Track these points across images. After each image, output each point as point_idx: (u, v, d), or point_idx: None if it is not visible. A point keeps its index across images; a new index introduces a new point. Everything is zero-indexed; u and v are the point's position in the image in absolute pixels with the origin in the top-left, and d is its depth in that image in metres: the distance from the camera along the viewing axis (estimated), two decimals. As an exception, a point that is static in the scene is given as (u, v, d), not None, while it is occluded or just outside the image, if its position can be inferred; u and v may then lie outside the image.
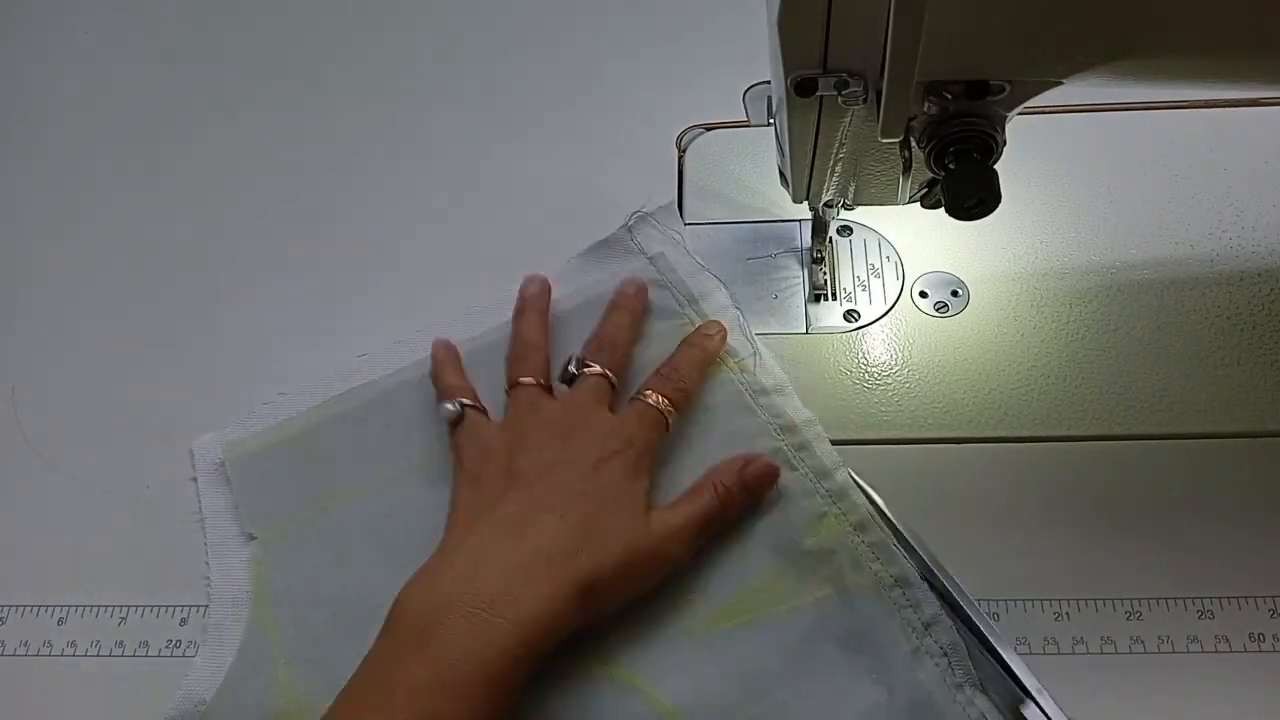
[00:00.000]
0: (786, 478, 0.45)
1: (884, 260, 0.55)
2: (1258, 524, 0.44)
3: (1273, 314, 0.50)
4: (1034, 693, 0.39)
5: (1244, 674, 0.41)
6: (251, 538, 0.48)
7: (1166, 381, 0.49)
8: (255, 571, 0.47)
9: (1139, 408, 0.48)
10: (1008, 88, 0.36)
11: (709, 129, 0.61)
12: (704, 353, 0.49)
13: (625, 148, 0.60)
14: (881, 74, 0.34)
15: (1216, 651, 0.41)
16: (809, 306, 0.53)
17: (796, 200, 0.47)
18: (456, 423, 0.47)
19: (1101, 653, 0.42)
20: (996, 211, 0.37)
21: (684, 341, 0.49)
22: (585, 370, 0.47)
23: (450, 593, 0.39)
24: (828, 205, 0.48)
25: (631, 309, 0.50)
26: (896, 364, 0.51)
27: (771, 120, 0.45)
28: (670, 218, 0.55)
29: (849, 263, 0.55)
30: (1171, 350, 0.50)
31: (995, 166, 0.37)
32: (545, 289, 0.52)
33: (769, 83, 0.41)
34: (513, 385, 0.48)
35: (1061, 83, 0.36)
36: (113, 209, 0.62)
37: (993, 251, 0.54)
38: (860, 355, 0.51)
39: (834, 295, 0.54)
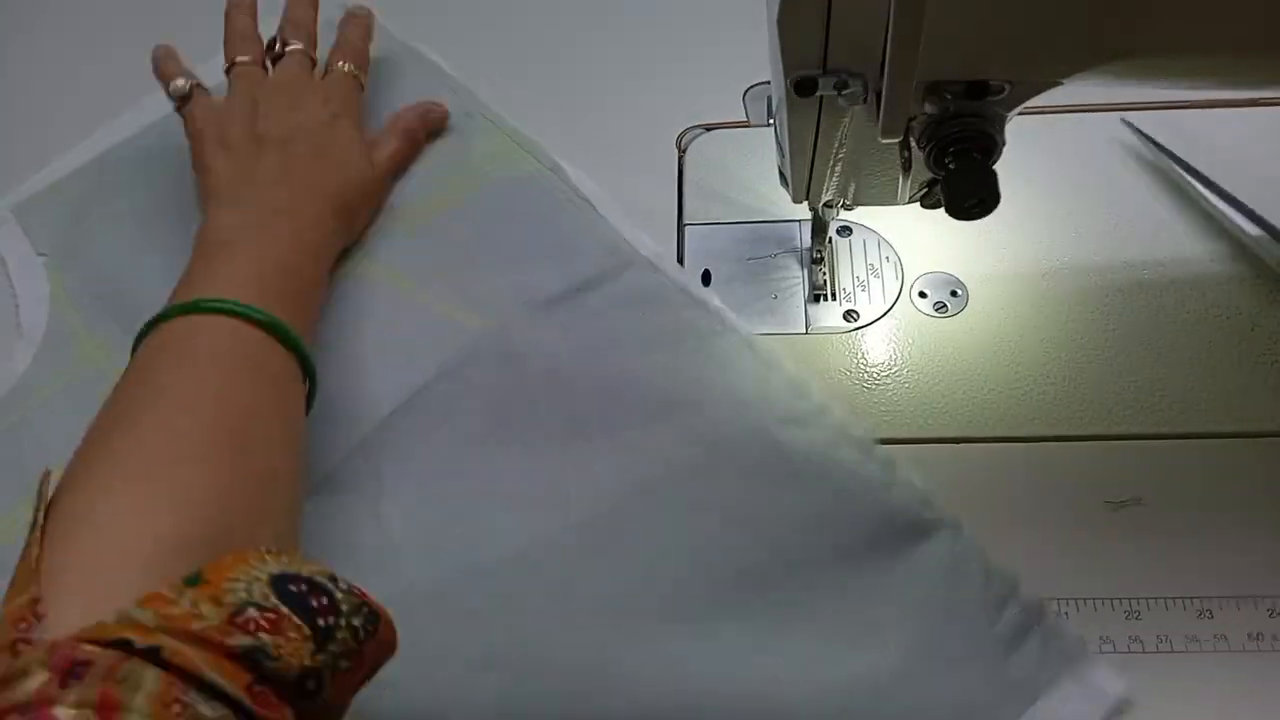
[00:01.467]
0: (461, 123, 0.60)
1: (883, 260, 0.55)
2: (1257, 524, 0.44)
3: (1273, 314, 0.50)
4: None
5: (1243, 673, 0.41)
6: (42, 255, 0.59)
7: (1166, 381, 0.49)
8: (50, 274, 0.58)
9: (1139, 408, 0.48)
10: (1008, 88, 0.36)
11: (709, 129, 0.61)
12: (362, 20, 0.60)
13: (625, 148, 0.60)
14: (881, 74, 0.34)
15: (1215, 651, 0.41)
16: (808, 306, 0.54)
17: (796, 200, 0.47)
18: (186, 99, 0.55)
19: (1100, 652, 0.42)
20: (996, 211, 0.37)
21: (345, 19, 0.60)
22: (288, 49, 0.56)
23: (248, 205, 0.48)
24: (827, 205, 0.48)
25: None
26: (896, 364, 0.51)
27: (771, 120, 0.45)
28: None
29: (849, 263, 0.55)
30: (1171, 350, 0.50)
31: (995, 166, 0.37)
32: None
33: (769, 83, 0.41)
34: (231, 66, 0.56)
35: (1061, 83, 0.36)
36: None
37: (993, 251, 0.54)
38: (860, 355, 0.51)
39: (833, 295, 0.54)
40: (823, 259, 0.54)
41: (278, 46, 0.57)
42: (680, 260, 0.56)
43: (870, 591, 0.43)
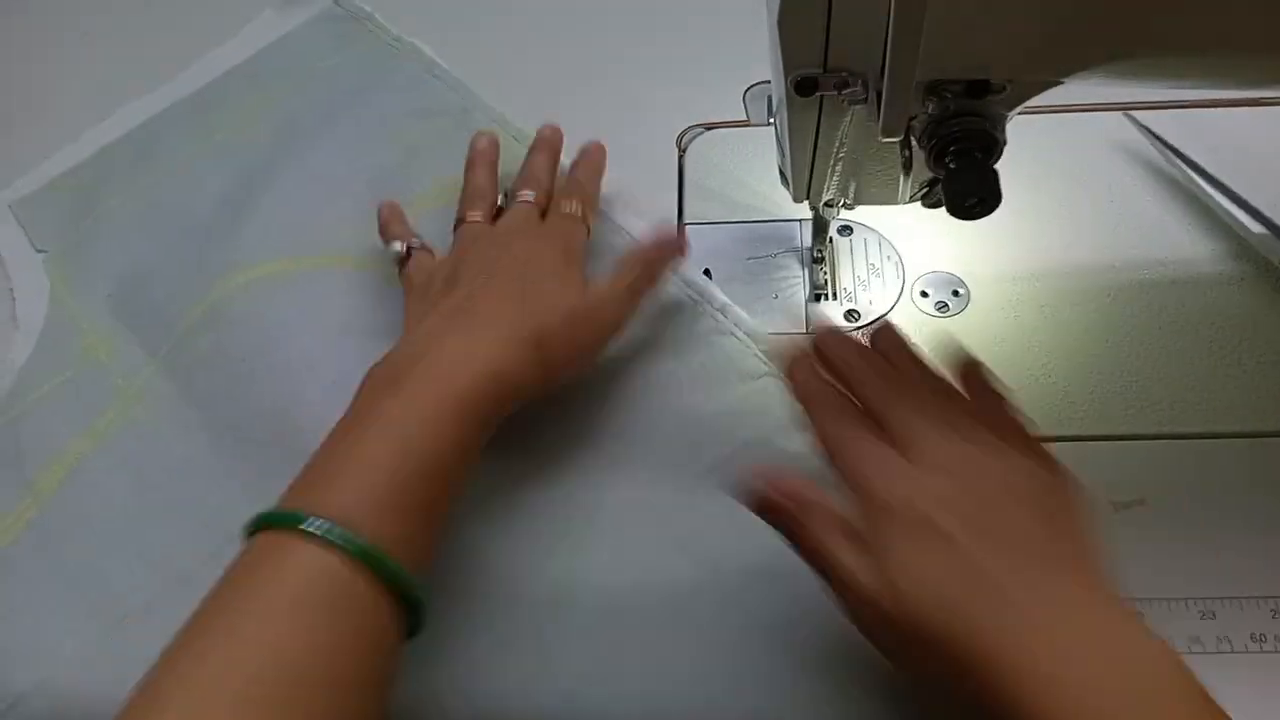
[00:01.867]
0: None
1: (884, 260, 0.54)
2: (1259, 524, 0.44)
3: (1273, 314, 0.50)
4: None
5: (1246, 674, 0.41)
6: (42, 251, 0.60)
7: (1166, 381, 0.49)
8: (50, 270, 0.59)
9: (1139, 408, 0.48)
10: (1008, 87, 0.36)
11: (709, 129, 0.61)
12: (594, 160, 0.55)
13: (625, 147, 0.60)
14: (881, 73, 0.34)
15: (1218, 652, 0.41)
16: (809, 306, 0.53)
17: (797, 200, 0.47)
18: (404, 262, 0.51)
19: (1102, 653, 0.42)
20: (997, 211, 0.37)
21: (579, 158, 0.55)
22: (518, 198, 0.52)
23: (414, 354, 0.43)
24: (828, 205, 0.48)
25: (551, 148, 0.55)
26: (897, 364, 0.51)
27: (771, 120, 0.45)
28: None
29: (849, 262, 0.55)
30: (1171, 350, 0.50)
31: (996, 166, 0.37)
32: (494, 143, 0.56)
33: (769, 82, 0.41)
34: (460, 223, 0.52)
35: (1061, 82, 0.36)
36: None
37: (993, 251, 0.54)
38: (860, 355, 0.51)
39: (834, 295, 0.54)
40: (823, 258, 0.54)
41: (502, 201, 0.53)
42: (680, 260, 0.56)
43: None
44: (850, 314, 0.53)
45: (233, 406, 0.51)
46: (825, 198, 0.47)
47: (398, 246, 0.52)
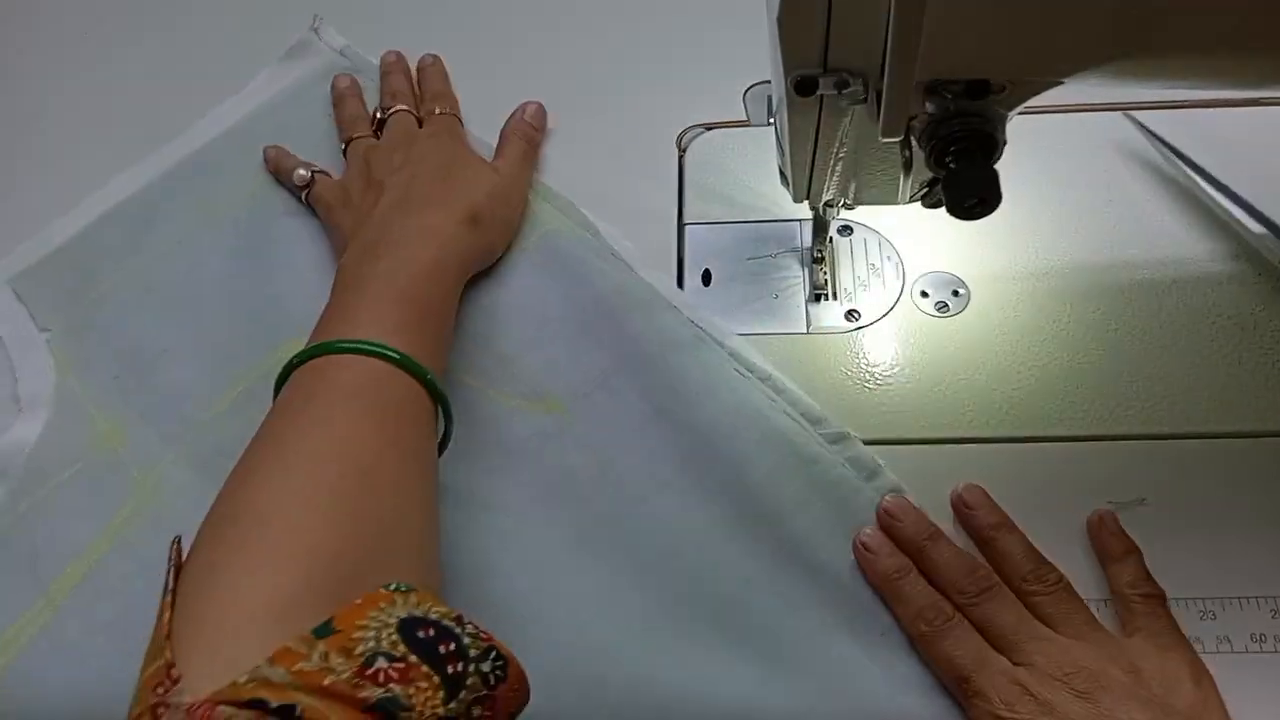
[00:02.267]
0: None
1: (884, 260, 0.54)
2: (1258, 524, 0.44)
3: (1273, 314, 0.50)
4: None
5: (1246, 675, 0.41)
6: (45, 330, 0.57)
7: (1166, 381, 0.49)
8: (54, 350, 0.56)
9: (1139, 408, 0.48)
10: (1008, 87, 0.36)
11: (709, 129, 0.61)
12: (437, 67, 0.63)
13: (625, 147, 0.60)
14: (882, 74, 0.34)
15: (1218, 652, 0.41)
16: (809, 306, 0.53)
17: (797, 200, 0.47)
18: (309, 184, 0.57)
19: (1102, 653, 0.42)
20: (997, 211, 0.37)
21: (420, 72, 0.63)
22: (390, 113, 0.59)
23: (380, 237, 0.49)
24: (828, 205, 0.48)
25: (402, 68, 0.63)
26: (897, 364, 0.51)
27: (771, 120, 0.45)
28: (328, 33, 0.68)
29: (849, 262, 0.55)
30: (1171, 350, 0.50)
31: (995, 166, 0.37)
32: (355, 82, 0.63)
33: (769, 82, 0.41)
34: (348, 143, 0.59)
35: (1061, 82, 0.36)
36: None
37: (993, 251, 0.54)
38: (860, 355, 0.51)
39: (834, 295, 0.54)
40: (823, 258, 0.54)
41: (378, 113, 0.59)
42: (680, 260, 0.56)
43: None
44: (850, 314, 0.53)
45: None
46: (825, 198, 0.47)
47: (302, 172, 0.57)
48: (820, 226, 0.52)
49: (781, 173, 0.46)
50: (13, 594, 0.47)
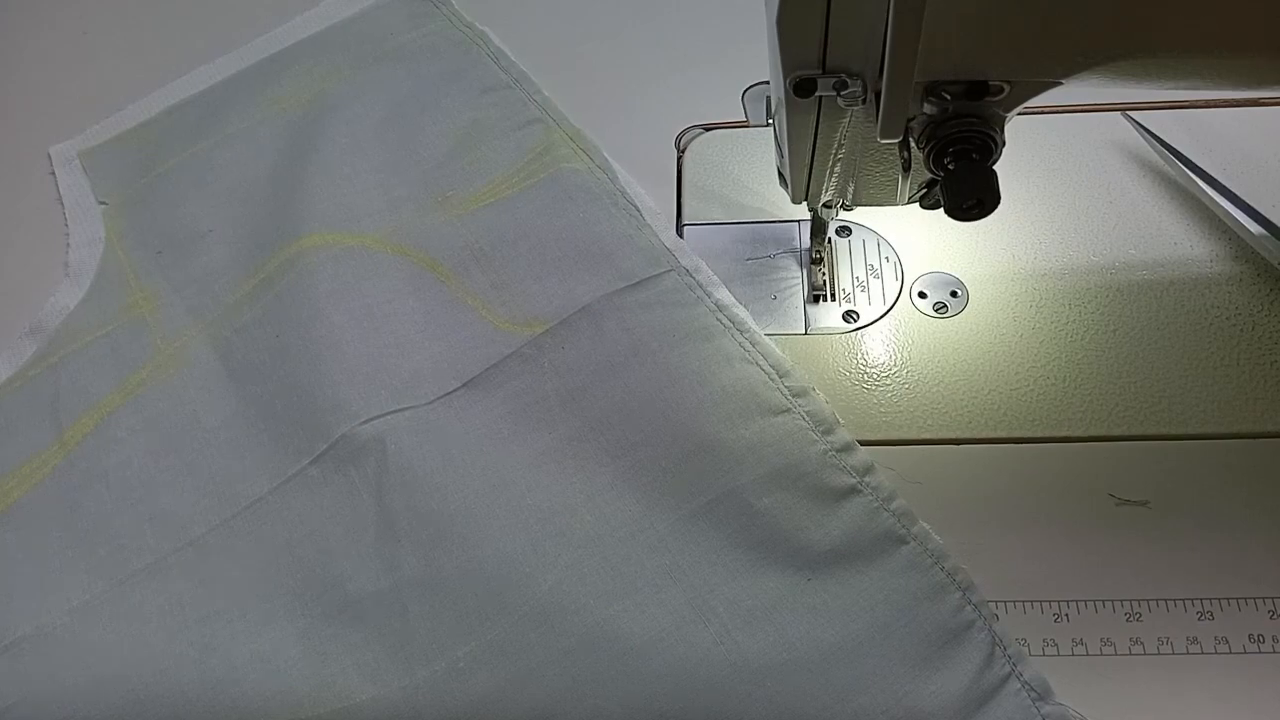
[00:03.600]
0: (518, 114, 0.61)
1: (883, 261, 0.54)
2: (1258, 525, 0.44)
3: (1273, 314, 0.50)
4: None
5: (1244, 675, 0.41)
6: (102, 203, 0.61)
7: (1166, 381, 0.49)
8: (107, 222, 0.60)
9: (1139, 408, 0.48)
10: (1007, 88, 0.36)
11: (708, 129, 0.61)
12: None
13: (625, 148, 0.60)
14: (881, 74, 0.34)
15: (1216, 653, 0.41)
16: (808, 307, 0.53)
17: (795, 200, 0.47)
18: None
19: (1101, 654, 0.42)
20: (996, 211, 0.37)
21: None
22: None
23: None
24: (827, 206, 0.48)
25: None
26: (896, 365, 0.51)
27: (771, 120, 0.45)
28: None
29: (848, 263, 0.55)
30: (1171, 350, 0.50)
31: (994, 167, 0.37)
32: None
33: (768, 83, 0.41)
34: None
35: (1061, 83, 0.36)
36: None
37: (992, 252, 0.54)
38: (859, 356, 0.51)
39: (833, 296, 0.54)
40: (822, 259, 0.54)
41: None
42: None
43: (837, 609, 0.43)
44: (849, 315, 0.53)
45: (261, 379, 0.51)
46: (824, 198, 0.47)
47: None
48: (819, 227, 0.52)
49: (780, 173, 0.46)
50: (32, 433, 0.51)
